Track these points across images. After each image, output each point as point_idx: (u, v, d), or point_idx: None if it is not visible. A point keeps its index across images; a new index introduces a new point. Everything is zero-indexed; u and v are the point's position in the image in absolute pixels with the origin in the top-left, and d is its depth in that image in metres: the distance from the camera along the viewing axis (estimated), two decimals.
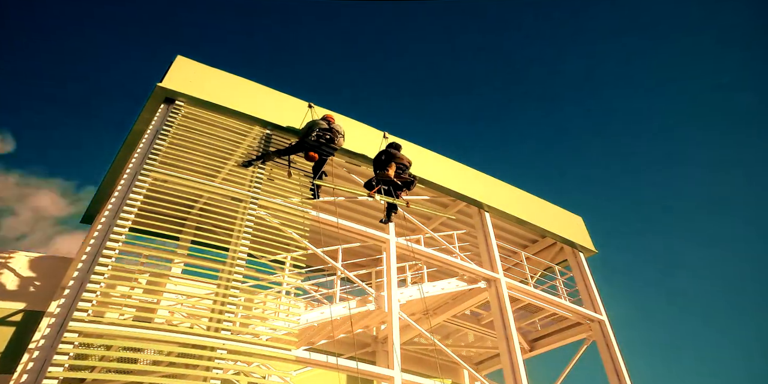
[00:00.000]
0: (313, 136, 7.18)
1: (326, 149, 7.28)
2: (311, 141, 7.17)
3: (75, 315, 4.66)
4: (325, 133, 7.26)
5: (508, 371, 7.52)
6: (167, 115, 7.03)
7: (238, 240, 6.21)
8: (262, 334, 5.78)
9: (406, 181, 7.75)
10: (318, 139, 7.19)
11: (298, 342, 7.40)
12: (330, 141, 7.26)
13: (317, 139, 7.19)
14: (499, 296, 8.40)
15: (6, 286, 7.49)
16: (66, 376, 4.48)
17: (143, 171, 6.18)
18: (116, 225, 5.48)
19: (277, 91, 8.44)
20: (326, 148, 7.27)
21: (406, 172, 7.81)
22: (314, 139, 7.18)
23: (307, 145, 7.20)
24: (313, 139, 7.18)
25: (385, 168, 7.58)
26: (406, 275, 9.34)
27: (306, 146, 7.22)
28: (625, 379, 8.58)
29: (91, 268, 5.03)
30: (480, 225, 9.66)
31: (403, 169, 7.78)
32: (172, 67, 7.43)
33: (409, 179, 7.78)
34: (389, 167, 7.57)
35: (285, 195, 7.10)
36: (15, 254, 7.94)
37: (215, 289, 5.84)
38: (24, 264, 7.87)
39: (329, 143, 7.26)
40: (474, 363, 11.61)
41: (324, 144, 7.22)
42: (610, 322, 9.55)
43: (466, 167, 10.30)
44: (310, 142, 7.18)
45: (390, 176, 7.50)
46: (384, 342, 9.91)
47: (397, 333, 6.75)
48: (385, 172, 7.52)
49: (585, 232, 11.37)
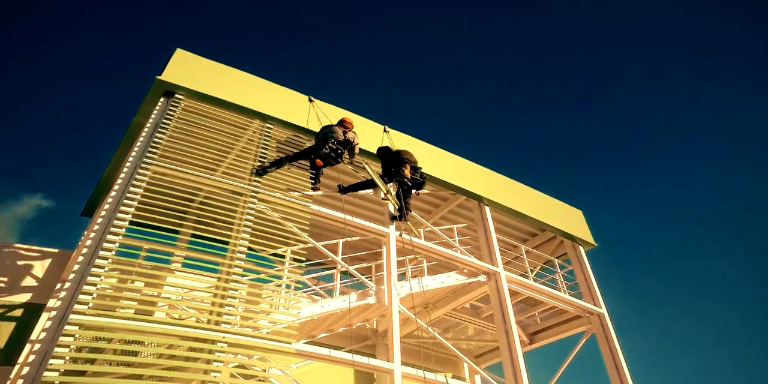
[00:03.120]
0: (326, 149, 7.14)
1: (333, 161, 7.31)
2: (323, 153, 7.14)
3: (75, 308, 4.67)
4: (339, 147, 7.24)
5: (507, 364, 7.55)
6: (167, 108, 7.02)
7: (238, 234, 6.21)
8: (263, 328, 5.79)
9: (416, 181, 7.93)
10: (330, 152, 7.17)
11: (298, 335, 7.42)
12: (339, 156, 7.28)
13: (330, 152, 7.16)
14: (499, 290, 8.41)
15: (7, 279, 7.50)
16: (67, 369, 4.50)
17: (143, 164, 6.17)
18: (116, 218, 5.49)
19: (277, 85, 8.42)
20: (334, 160, 7.30)
21: (417, 173, 7.99)
22: (327, 152, 7.15)
23: (317, 154, 7.18)
24: (326, 152, 7.14)
25: (400, 168, 7.75)
26: (406, 269, 9.36)
27: (315, 154, 7.20)
28: (624, 372, 8.62)
29: (91, 261, 5.04)
30: (480, 219, 9.66)
31: (415, 170, 7.98)
32: (171, 60, 7.41)
33: (420, 180, 7.96)
34: (404, 168, 7.75)
35: (285, 189, 7.10)
36: (16, 247, 7.94)
37: (216, 282, 5.85)
38: (25, 257, 7.88)
39: (339, 157, 7.29)
40: (474, 356, 11.65)
41: (333, 157, 7.22)
42: (609, 315, 9.58)
43: (465, 161, 10.30)
44: (322, 153, 7.15)
45: (408, 176, 7.71)
46: (384, 335, 9.94)
47: (396, 326, 6.77)
48: (402, 172, 7.70)
49: (585, 226, 11.38)
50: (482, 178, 10.18)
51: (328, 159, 7.22)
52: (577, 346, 9.67)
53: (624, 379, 8.54)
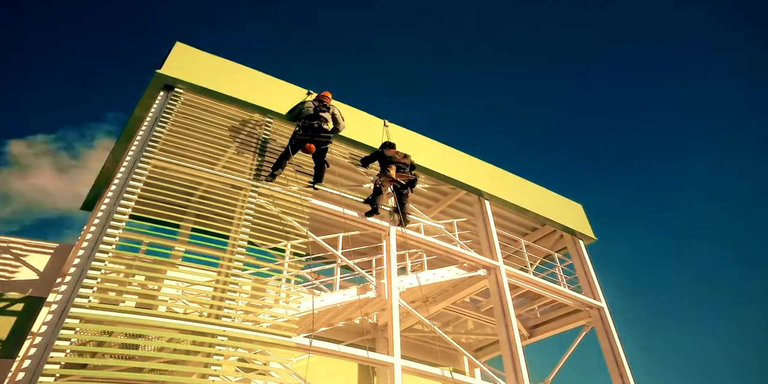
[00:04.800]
0: (297, 129, 6.73)
1: (321, 138, 6.78)
2: (299, 134, 6.71)
3: (76, 301, 4.68)
4: (312, 121, 6.72)
5: (507, 358, 7.58)
6: (167, 102, 7.01)
7: (238, 228, 6.22)
8: (263, 322, 5.81)
9: (409, 179, 7.66)
10: (305, 131, 6.70)
11: (298, 329, 7.44)
12: (319, 129, 6.73)
13: (304, 131, 6.71)
14: (499, 284, 8.43)
15: (8, 273, 7.52)
16: (67, 362, 4.51)
17: (143, 158, 6.17)
18: (117, 212, 5.49)
19: (277, 79, 8.39)
20: (320, 138, 6.76)
21: (407, 170, 7.64)
22: (301, 132, 6.70)
23: (298, 139, 6.76)
24: (300, 132, 6.70)
25: (385, 170, 7.46)
26: (406, 263, 9.37)
27: (298, 140, 6.78)
28: (624, 365, 8.65)
29: (92, 255, 5.05)
30: (480, 213, 9.67)
31: (404, 168, 7.62)
32: (171, 53, 7.39)
33: (412, 177, 7.68)
34: (389, 168, 7.44)
35: (285, 183, 7.10)
36: (17, 241, 7.95)
37: (216, 276, 5.86)
38: (26, 251, 7.89)
39: (320, 132, 6.75)
40: (474, 350, 11.69)
41: (315, 134, 6.71)
42: (609, 308, 9.60)
43: (466, 155, 10.29)
44: (298, 135, 6.71)
45: (393, 177, 7.40)
46: (384, 329, 9.96)
47: (397, 320, 6.79)
48: (387, 173, 7.40)
49: (585, 220, 11.39)
50: (482, 173, 10.18)
51: (313, 139, 6.68)
52: (577, 340, 9.71)
53: (623, 372, 8.58)
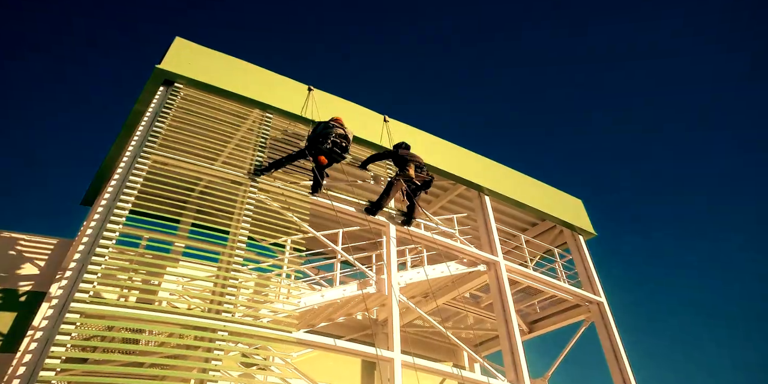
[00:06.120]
0: (329, 143, 6.92)
1: (337, 157, 7.05)
2: (326, 149, 6.90)
3: (76, 296, 4.69)
4: (341, 140, 7.01)
5: (507, 353, 7.59)
6: (166, 97, 7.00)
7: (238, 223, 6.22)
8: (263, 317, 5.82)
9: (424, 180, 7.70)
10: (333, 146, 6.93)
11: (299, 324, 7.46)
12: (344, 150, 7.02)
13: (333, 146, 6.92)
14: (499, 279, 8.44)
15: (9, 267, 7.54)
16: (68, 356, 4.53)
17: (143, 153, 6.16)
18: (116, 207, 5.49)
19: (277, 74, 8.38)
20: (337, 156, 7.03)
21: (424, 171, 7.71)
22: (330, 146, 6.91)
23: (319, 150, 6.93)
24: (329, 146, 6.90)
25: (405, 169, 7.51)
26: (405, 258, 9.38)
27: (317, 151, 6.95)
28: (623, 360, 8.67)
29: (92, 250, 5.05)
30: (480, 208, 9.67)
31: (421, 169, 7.70)
32: (170, 48, 7.37)
33: (427, 178, 7.73)
34: (408, 167, 7.50)
35: (285, 179, 7.10)
36: (17, 236, 7.97)
37: (216, 271, 5.87)
38: (26, 246, 7.91)
39: (343, 152, 7.03)
40: (473, 345, 11.71)
41: (337, 152, 6.97)
42: (608, 303, 9.62)
43: (465, 150, 10.28)
44: (324, 149, 6.90)
45: (412, 176, 7.46)
46: (384, 324, 9.98)
47: (396, 315, 6.80)
48: (406, 172, 7.45)
49: (584, 215, 11.38)
50: (482, 168, 10.17)
51: (332, 154, 6.97)
52: (577, 335, 9.73)
53: (623, 366, 8.60)
